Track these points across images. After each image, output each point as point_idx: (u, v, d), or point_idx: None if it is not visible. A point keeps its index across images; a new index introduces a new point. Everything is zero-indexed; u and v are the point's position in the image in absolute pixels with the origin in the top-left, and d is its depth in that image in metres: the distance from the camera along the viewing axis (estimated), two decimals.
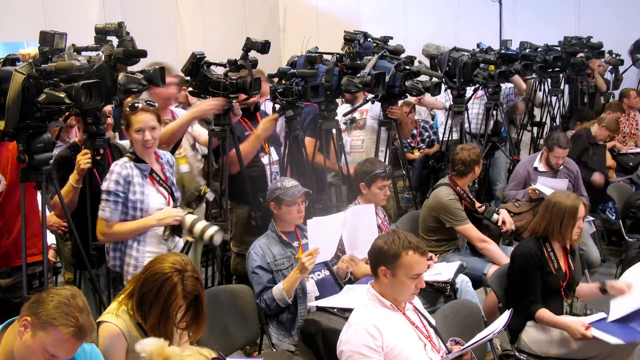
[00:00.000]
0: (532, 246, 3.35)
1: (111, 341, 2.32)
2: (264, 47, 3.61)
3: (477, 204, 4.30)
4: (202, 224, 3.04)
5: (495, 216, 4.21)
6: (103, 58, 2.99)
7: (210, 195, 3.19)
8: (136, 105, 3.04)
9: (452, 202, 4.08)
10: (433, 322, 2.65)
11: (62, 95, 2.55)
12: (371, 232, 3.36)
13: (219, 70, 3.67)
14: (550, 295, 3.32)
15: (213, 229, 3.02)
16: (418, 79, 4.50)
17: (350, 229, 3.38)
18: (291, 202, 3.34)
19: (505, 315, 2.69)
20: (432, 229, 4.17)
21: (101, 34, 3.38)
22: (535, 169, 5.03)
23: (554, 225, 3.33)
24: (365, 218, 3.46)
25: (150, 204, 3.06)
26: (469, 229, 4.08)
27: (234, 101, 3.68)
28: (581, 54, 6.84)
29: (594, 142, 5.69)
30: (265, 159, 4.08)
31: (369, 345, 2.37)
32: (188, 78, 3.67)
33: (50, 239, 4.42)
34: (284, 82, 3.83)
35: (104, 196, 3.01)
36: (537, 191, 4.72)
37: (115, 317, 2.34)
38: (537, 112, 7.10)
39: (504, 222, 4.21)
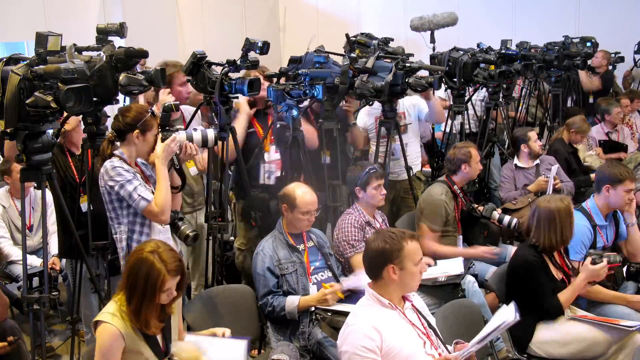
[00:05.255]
0: (532, 252, 3.33)
1: (110, 342, 2.33)
2: (263, 48, 3.61)
3: (475, 205, 4.29)
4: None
5: (495, 214, 4.18)
6: (104, 58, 2.99)
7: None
8: (154, 111, 3.03)
9: (438, 203, 4.04)
10: (433, 322, 2.66)
11: (49, 99, 2.54)
12: None
13: (219, 70, 3.68)
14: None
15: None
16: (420, 75, 4.51)
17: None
18: (305, 211, 3.35)
19: (506, 309, 2.68)
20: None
21: (102, 34, 3.38)
22: (516, 165, 5.15)
23: (565, 232, 3.30)
24: None
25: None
26: (425, 232, 4.03)
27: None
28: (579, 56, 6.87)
29: (571, 150, 5.73)
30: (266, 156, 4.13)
31: (367, 347, 2.38)
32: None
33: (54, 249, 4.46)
34: (289, 82, 3.85)
35: (125, 189, 2.88)
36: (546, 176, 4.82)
37: (113, 317, 2.35)
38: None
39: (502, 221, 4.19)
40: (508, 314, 2.64)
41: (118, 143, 3.06)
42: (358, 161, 4.68)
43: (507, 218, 4.17)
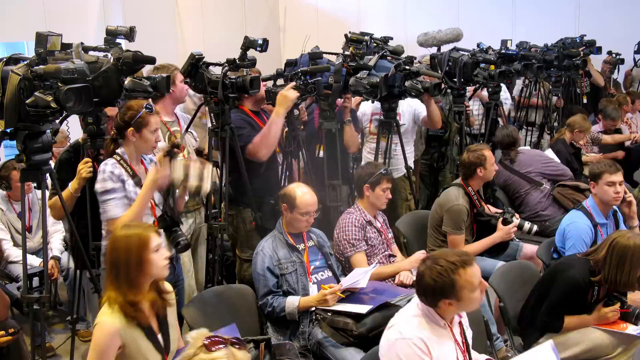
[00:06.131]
0: (586, 273, 3.15)
1: (104, 340, 2.30)
2: (263, 45, 3.61)
3: (493, 209, 4.27)
4: (195, 173, 2.90)
5: (515, 220, 4.02)
6: (112, 61, 2.99)
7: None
8: (151, 106, 3.05)
9: (458, 209, 4.00)
10: (469, 335, 2.63)
11: (49, 99, 2.54)
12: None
13: (218, 70, 3.67)
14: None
15: (209, 183, 2.91)
16: (418, 79, 4.50)
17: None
18: (304, 212, 3.36)
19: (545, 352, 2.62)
20: (439, 226, 4.12)
21: (111, 35, 3.38)
22: None
23: (632, 274, 3.05)
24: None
25: None
26: (458, 241, 4.00)
27: None
28: (579, 56, 6.88)
29: (572, 151, 5.73)
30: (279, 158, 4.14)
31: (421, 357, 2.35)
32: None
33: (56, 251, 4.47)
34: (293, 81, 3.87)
35: (102, 197, 2.93)
36: None
37: (109, 315, 2.33)
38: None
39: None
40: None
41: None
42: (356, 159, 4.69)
43: (527, 225, 4.08)
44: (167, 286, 2.57)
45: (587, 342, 3.18)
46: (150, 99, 3.24)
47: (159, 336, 2.47)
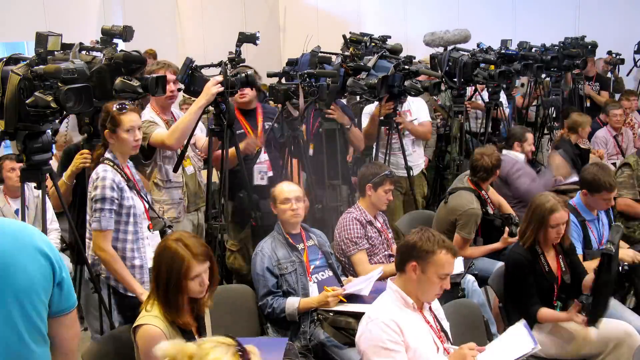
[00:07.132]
0: (522, 251, 3.33)
1: (154, 344, 2.28)
2: (259, 38, 3.64)
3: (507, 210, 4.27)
4: None
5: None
6: (103, 61, 2.99)
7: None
8: (124, 105, 2.99)
9: (474, 212, 3.97)
10: (446, 326, 2.65)
11: (49, 99, 2.54)
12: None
13: (208, 72, 3.66)
14: (542, 298, 3.28)
15: None
16: (417, 78, 4.50)
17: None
18: (283, 200, 3.38)
19: (520, 334, 2.67)
20: (449, 230, 4.05)
21: (107, 35, 3.38)
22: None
23: (535, 228, 3.29)
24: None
25: (139, 211, 3.04)
26: (465, 242, 4.01)
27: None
28: (579, 56, 6.89)
29: (577, 152, 5.71)
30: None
31: (392, 340, 2.38)
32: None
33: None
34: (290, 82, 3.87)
35: (97, 205, 2.90)
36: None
37: (153, 318, 2.31)
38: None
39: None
40: (525, 341, 2.62)
41: None
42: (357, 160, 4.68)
43: None
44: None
45: (576, 339, 3.18)
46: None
47: (197, 338, 2.45)
